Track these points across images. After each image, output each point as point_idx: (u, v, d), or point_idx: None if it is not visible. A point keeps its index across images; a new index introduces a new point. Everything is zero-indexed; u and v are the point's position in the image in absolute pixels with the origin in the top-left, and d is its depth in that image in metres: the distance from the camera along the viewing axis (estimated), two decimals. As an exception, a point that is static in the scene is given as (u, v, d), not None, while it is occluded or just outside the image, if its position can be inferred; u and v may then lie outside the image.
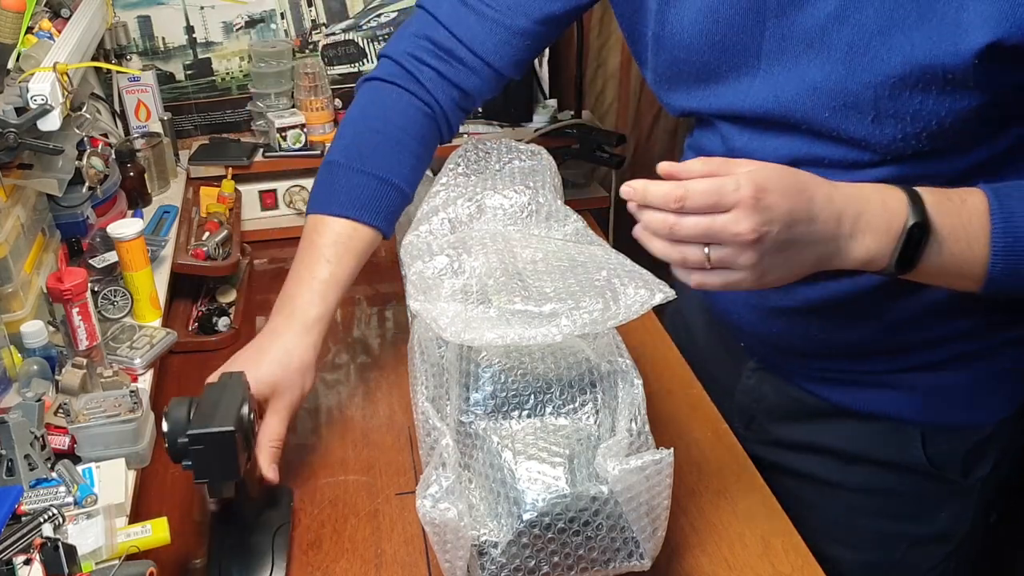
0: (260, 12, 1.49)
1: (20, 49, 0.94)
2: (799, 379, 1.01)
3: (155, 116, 1.44)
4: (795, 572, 0.86)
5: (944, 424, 0.95)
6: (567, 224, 0.97)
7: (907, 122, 0.76)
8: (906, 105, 0.75)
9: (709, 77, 0.88)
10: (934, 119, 0.75)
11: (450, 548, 0.73)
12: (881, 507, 0.99)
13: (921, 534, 0.99)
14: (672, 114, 0.98)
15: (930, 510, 0.98)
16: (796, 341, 0.96)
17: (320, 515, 0.92)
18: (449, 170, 1.01)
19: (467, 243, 0.89)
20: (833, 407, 0.99)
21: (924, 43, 0.72)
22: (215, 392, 0.80)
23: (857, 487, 1.00)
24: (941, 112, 0.75)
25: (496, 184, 0.99)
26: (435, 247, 0.90)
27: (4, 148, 0.89)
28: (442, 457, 0.76)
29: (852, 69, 0.77)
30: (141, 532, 0.76)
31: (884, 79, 0.75)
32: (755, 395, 1.07)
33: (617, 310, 0.75)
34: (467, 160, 1.02)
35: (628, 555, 0.76)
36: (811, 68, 0.80)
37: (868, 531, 0.97)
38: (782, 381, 1.03)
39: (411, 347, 0.92)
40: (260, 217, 1.47)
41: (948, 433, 0.95)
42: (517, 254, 0.87)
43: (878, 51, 0.75)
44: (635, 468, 0.73)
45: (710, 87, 0.89)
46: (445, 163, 1.03)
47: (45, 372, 0.93)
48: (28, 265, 0.99)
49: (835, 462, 1.01)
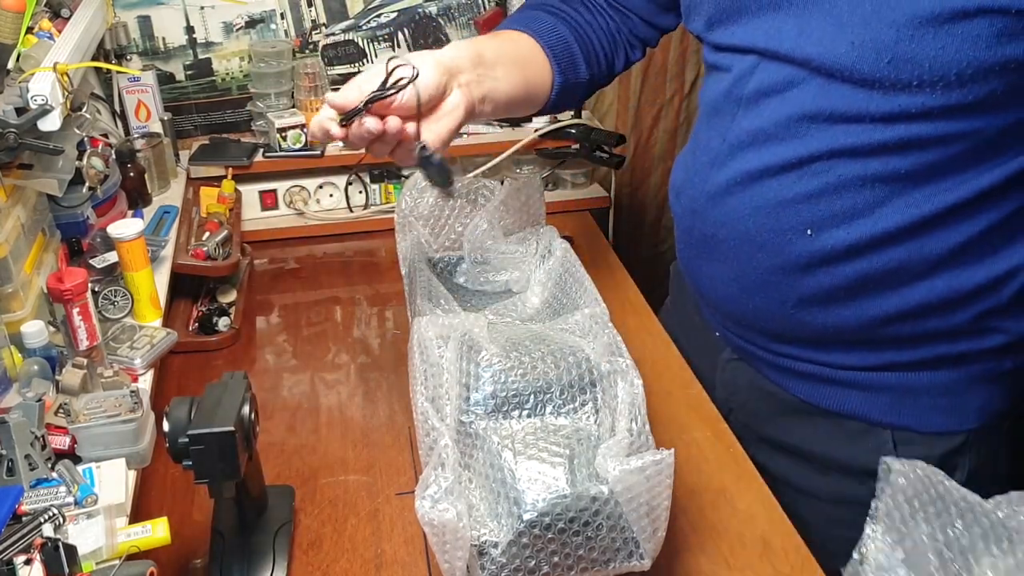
0: (260, 12, 1.49)
1: (20, 49, 0.94)
2: (768, 370, 1.01)
3: (155, 116, 1.44)
4: (795, 572, 0.86)
5: (914, 428, 0.94)
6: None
7: (924, 68, 0.75)
8: (926, 49, 0.74)
9: (746, 8, 0.88)
10: (953, 69, 0.74)
11: (449, 548, 0.73)
12: (857, 517, 0.98)
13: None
14: (707, 60, 0.97)
15: None
16: (770, 319, 0.95)
17: (320, 515, 0.93)
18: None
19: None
20: (802, 403, 0.99)
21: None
22: (216, 392, 0.80)
23: (832, 498, 0.99)
24: (962, 62, 0.74)
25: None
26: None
27: (4, 148, 0.89)
28: (441, 457, 0.76)
29: (879, 4, 0.76)
30: (141, 532, 0.76)
31: (907, 18, 0.74)
32: (731, 388, 1.08)
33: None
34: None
35: (628, 555, 0.77)
36: (837, 2, 0.79)
37: (844, 540, 0.97)
38: (754, 373, 1.03)
39: (411, 347, 0.92)
40: (260, 217, 1.47)
41: (919, 438, 0.94)
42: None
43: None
44: (635, 468, 0.73)
45: (745, 20, 0.88)
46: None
47: (45, 372, 0.93)
48: (28, 265, 0.99)
49: (810, 469, 1.01)
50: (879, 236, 0.85)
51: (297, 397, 1.11)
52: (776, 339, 0.98)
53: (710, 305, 1.04)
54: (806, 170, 0.85)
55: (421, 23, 1.54)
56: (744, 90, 0.89)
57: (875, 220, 0.84)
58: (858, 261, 0.86)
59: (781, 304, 0.92)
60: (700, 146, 0.97)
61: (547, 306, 1.02)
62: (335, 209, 1.49)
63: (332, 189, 1.48)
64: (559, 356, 0.83)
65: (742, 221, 0.91)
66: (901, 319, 0.89)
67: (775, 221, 0.88)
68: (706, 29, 0.94)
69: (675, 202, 1.02)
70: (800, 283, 0.90)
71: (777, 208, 0.88)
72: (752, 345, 1.01)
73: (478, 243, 1.12)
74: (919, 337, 0.91)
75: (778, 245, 0.89)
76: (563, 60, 1.05)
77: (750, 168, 0.89)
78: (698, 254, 1.00)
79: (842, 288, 0.89)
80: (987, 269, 0.87)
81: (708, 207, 0.94)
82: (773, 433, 1.04)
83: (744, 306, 0.96)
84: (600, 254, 1.41)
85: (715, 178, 0.93)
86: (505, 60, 0.98)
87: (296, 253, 1.44)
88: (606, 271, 1.36)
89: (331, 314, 1.28)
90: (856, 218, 0.84)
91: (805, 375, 0.98)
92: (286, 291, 1.35)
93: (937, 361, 0.92)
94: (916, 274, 0.87)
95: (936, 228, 0.84)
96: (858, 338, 0.92)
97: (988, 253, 0.87)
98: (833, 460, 0.99)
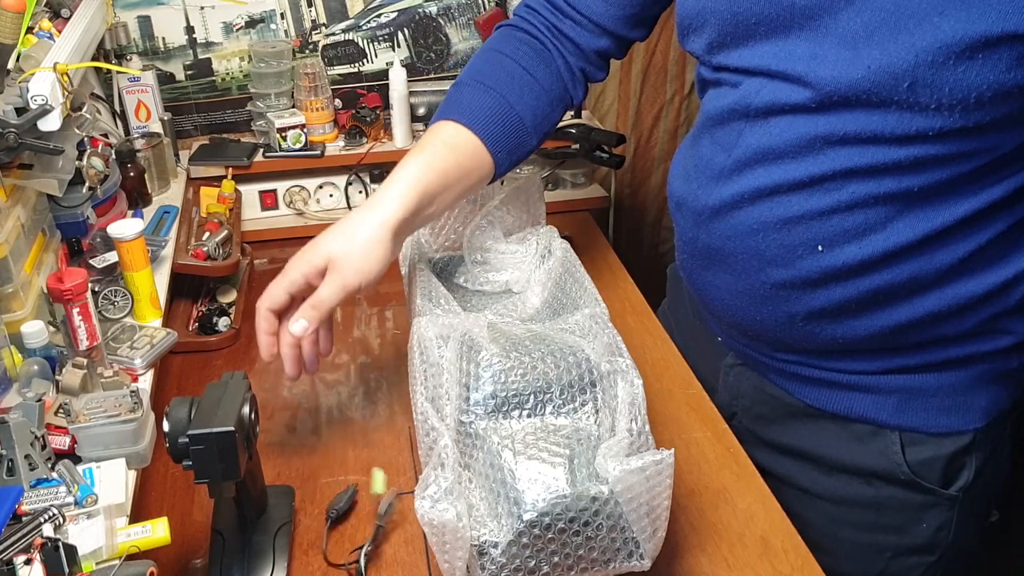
0: (260, 12, 1.49)
1: (20, 49, 0.94)
2: (773, 375, 1.01)
3: (155, 116, 1.44)
4: (795, 572, 0.86)
5: (922, 429, 0.93)
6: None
7: (944, 93, 0.74)
8: (947, 75, 0.73)
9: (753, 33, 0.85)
10: (972, 93, 0.73)
11: (449, 548, 0.73)
12: (862, 519, 0.98)
13: (903, 545, 0.98)
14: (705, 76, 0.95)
15: (912, 521, 0.97)
16: (778, 331, 0.94)
17: (320, 515, 0.92)
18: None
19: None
20: (808, 408, 0.98)
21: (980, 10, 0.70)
22: (216, 392, 0.80)
23: (839, 499, 0.99)
24: (982, 86, 0.73)
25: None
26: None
27: (4, 148, 0.89)
28: (441, 458, 0.76)
29: (896, 30, 0.75)
30: (141, 532, 0.76)
31: (928, 44, 0.73)
32: (734, 392, 1.07)
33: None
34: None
35: (628, 555, 0.76)
36: (852, 24, 0.77)
37: (849, 542, 0.97)
38: (759, 377, 1.03)
39: (411, 347, 0.92)
40: (260, 217, 1.47)
41: (926, 439, 0.94)
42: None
43: (927, 13, 0.72)
44: (635, 468, 0.73)
45: (752, 44, 0.86)
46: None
47: (45, 372, 0.93)
48: (28, 265, 0.99)
49: (815, 470, 1.00)
50: (891, 251, 0.84)
51: (297, 397, 1.11)
52: (783, 348, 0.97)
53: (714, 314, 1.03)
54: (818, 188, 0.84)
55: (421, 23, 1.54)
56: (751, 106, 0.87)
57: (887, 236, 0.83)
58: (869, 276, 0.85)
59: (790, 317, 0.91)
60: (703, 159, 0.95)
61: (547, 306, 1.02)
62: (335, 209, 1.49)
63: (332, 189, 1.48)
64: (559, 356, 0.83)
65: (750, 236, 0.89)
66: (911, 328, 0.89)
67: (785, 237, 0.87)
68: (706, 51, 0.92)
69: (676, 212, 1.01)
70: (810, 297, 0.89)
71: (787, 224, 0.86)
72: (757, 353, 1.01)
73: (478, 243, 1.12)
74: (928, 342, 0.90)
75: (787, 260, 0.88)
76: (505, 145, 1.02)
77: (759, 185, 0.87)
78: (702, 265, 0.98)
79: (852, 301, 0.88)
80: (996, 275, 0.86)
81: (713, 221, 0.92)
82: (778, 437, 1.03)
83: (750, 318, 0.95)
84: (600, 254, 1.41)
85: (720, 193, 0.91)
86: (444, 187, 0.97)
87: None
88: (606, 271, 1.36)
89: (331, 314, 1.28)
90: (868, 234, 0.83)
91: (811, 380, 0.97)
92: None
93: (945, 363, 0.92)
94: (926, 285, 0.86)
95: (947, 240, 0.83)
96: (867, 347, 0.92)
97: (997, 259, 0.86)
98: (839, 462, 0.98)
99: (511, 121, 1.01)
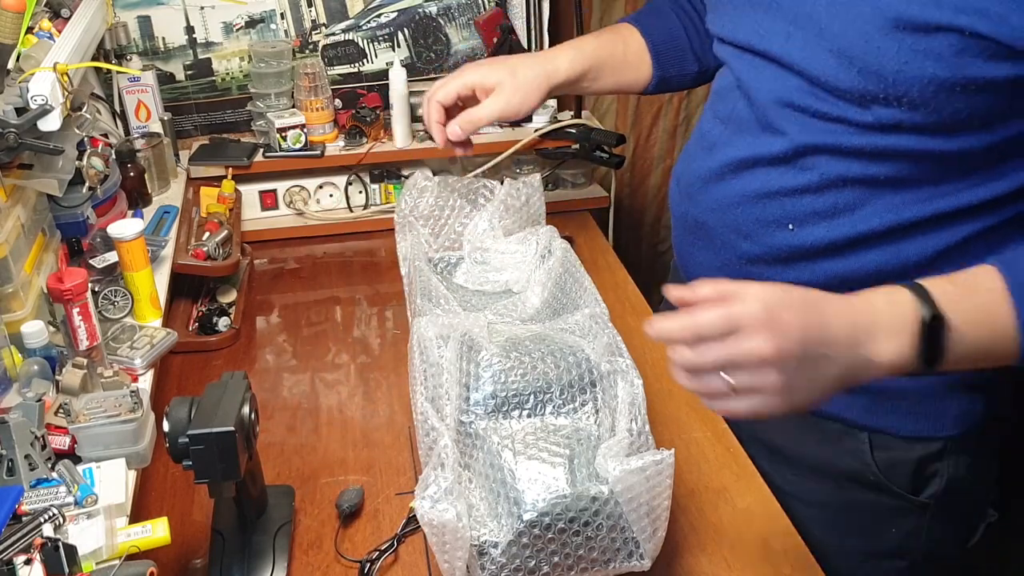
0: (260, 12, 1.49)
1: (20, 49, 0.94)
2: None
3: (155, 116, 1.44)
4: (795, 572, 0.86)
5: (890, 431, 0.94)
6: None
7: (888, 83, 0.77)
8: (889, 62, 0.76)
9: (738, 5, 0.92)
10: (915, 85, 0.76)
11: (448, 548, 0.73)
12: (834, 521, 0.99)
13: (872, 549, 0.99)
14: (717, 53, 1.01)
15: (881, 525, 0.97)
16: None
17: (320, 515, 0.93)
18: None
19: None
20: None
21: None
22: (216, 392, 0.80)
23: (812, 502, 0.99)
24: (924, 79, 0.75)
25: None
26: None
27: (4, 148, 0.89)
28: (441, 457, 0.76)
29: (851, 9, 0.78)
30: (141, 532, 0.76)
31: (875, 27, 0.76)
32: None
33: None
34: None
35: (628, 555, 0.77)
36: (818, 6, 0.82)
37: (821, 544, 0.97)
38: None
39: (411, 347, 0.92)
40: (260, 217, 1.47)
41: (895, 441, 0.94)
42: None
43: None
44: (635, 468, 0.73)
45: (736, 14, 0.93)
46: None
47: (45, 372, 0.93)
48: (28, 265, 0.99)
49: (790, 471, 1.00)
50: (858, 236, 0.86)
51: (297, 397, 1.11)
52: None
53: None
54: (791, 165, 0.87)
55: (421, 23, 1.54)
56: (742, 80, 0.92)
57: (855, 221, 0.85)
58: (836, 259, 0.87)
59: None
60: (702, 131, 1.00)
61: (547, 306, 1.02)
62: (335, 209, 1.49)
63: (332, 189, 1.48)
64: (559, 356, 0.83)
65: (730, 209, 0.92)
66: None
67: (760, 211, 0.90)
68: (712, 24, 0.98)
69: (674, 187, 1.04)
70: (779, 276, 0.90)
71: (763, 199, 0.89)
72: None
73: (478, 243, 1.12)
74: None
75: (761, 236, 0.90)
76: (667, 58, 1.17)
77: (740, 156, 0.91)
78: (689, 242, 1.01)
79: (820, 284, 0.87)
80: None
81: (700, 192, 0.96)
82: (762, 433, 1.04)
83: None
84: (600, 254, 1.42)
85: (709, 162, 0.95)
86: (604, 69, 1.14)
87: (296, 253, 1.44)
88: (606, 271, 1.36)
89: (331, 314, 1.28)
90: (836, 216, 0.86)
91: None
92: (286, 291, 1.35)
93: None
94: (893, 277, 0.86)
95: (915, 234, 0.85)
96: None
97: (967, 262, 0.86)
98: (813, 462, 0.98)
99: (678, 42, 1.16)
